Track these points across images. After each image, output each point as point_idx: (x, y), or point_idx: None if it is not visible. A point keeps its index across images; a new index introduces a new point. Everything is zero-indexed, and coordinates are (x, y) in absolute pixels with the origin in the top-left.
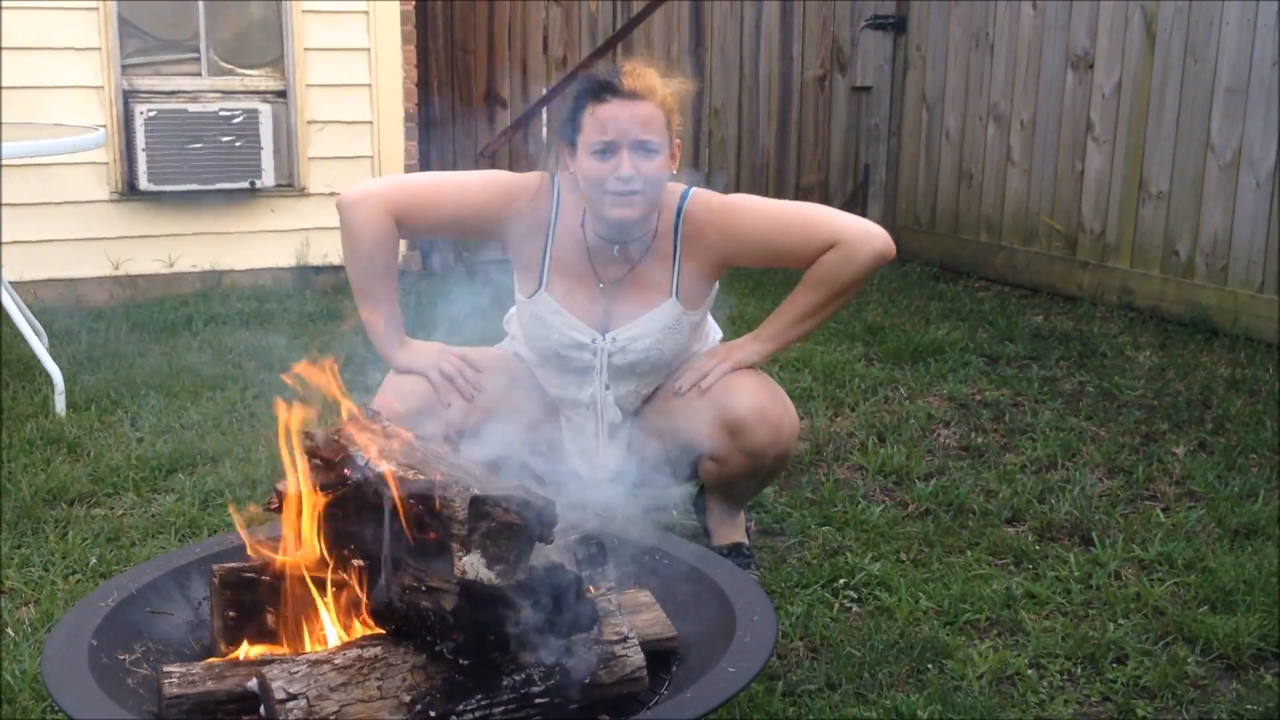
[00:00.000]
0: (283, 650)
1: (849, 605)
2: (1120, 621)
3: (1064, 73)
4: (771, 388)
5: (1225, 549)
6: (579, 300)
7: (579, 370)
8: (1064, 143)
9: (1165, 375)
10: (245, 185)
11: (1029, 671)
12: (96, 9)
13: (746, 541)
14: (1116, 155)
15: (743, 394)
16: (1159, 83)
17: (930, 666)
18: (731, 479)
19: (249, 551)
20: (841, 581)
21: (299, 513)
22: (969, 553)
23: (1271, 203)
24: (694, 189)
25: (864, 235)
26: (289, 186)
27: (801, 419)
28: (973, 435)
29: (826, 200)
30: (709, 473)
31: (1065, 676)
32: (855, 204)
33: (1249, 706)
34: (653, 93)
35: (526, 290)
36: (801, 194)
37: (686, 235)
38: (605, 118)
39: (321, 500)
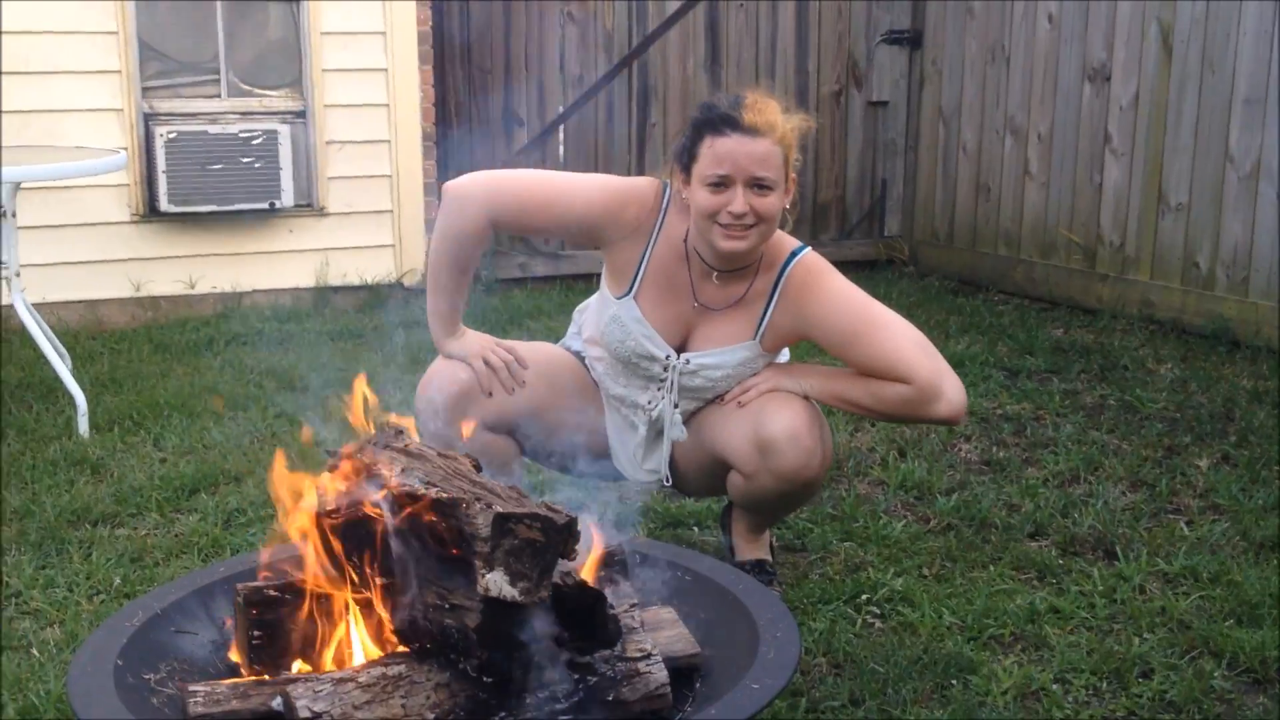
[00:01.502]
0: (307, 669)
1: (872, 621)
2: (1145, 636)
3: (1081, 85)
4: (812, 415)
5: (1250, 562)
6: (666, 313)
7: (645, 377)
8: (1082, 155)
9: (1187, 388)
10: (265, 206)
11: (1054, 687)
12: (116, 33)
13: (770, 558)
14: (1135, 167)
15: (781, 415)
16: (1176, 94)
17: (954, 682)
18: (757, 498)
19: (269, 569)
20: (864, 597)
21: (322, 532)
22: (992, 568)
23: None
24: (808, 249)
25: (934, 394)
26: (308, 206)
27: None
28: (994, 449)
29: (844, 215)
30: (736, 487)
31: (1090, 691)
32: (873, 219)
33: None
34: (773, 129)
35: (616, 290)
36: (818, 209)
37: (785, 290)
38: (723, 152)
39: (344, 519)
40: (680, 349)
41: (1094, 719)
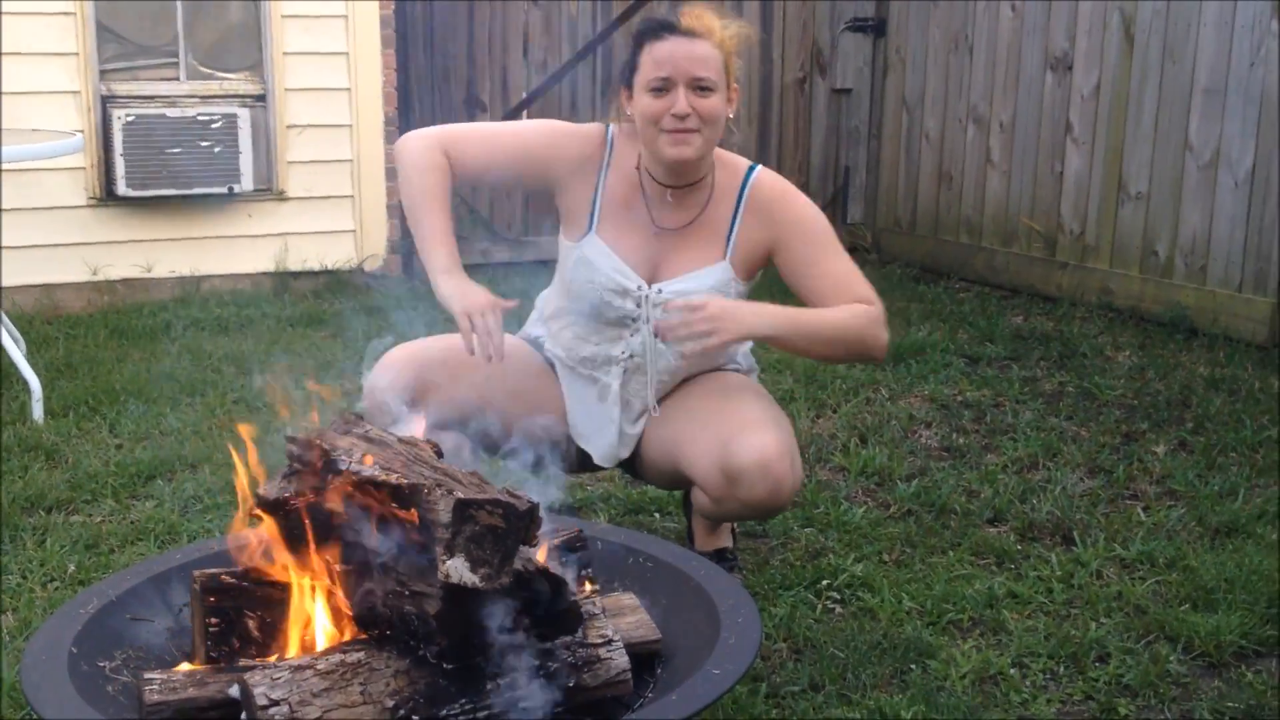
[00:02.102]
0: (265, 656)
1: (832, 606)
2: (1102, 620)
3: (1043, 74)
4: (783, 440)
5: (1206, 547)
6: (630, 245)
7: (618, 323)
8: (1043, 144)
9: (1145, 375)
10: (224, 190)
11: (1012, 671)
12: (74, 14)
13: (731, 546)
14: (1095, 156)
15: (751, 442)
16: (1138, 84)
17: (913, 667)
18: (722, 518)
19: (236, 555)
20: (824, 583)
21: (281, 517)
22: (951, 553)
23: (1250, 203)
24: (761, 166)
25: (884, 322)
26: (267, 191)
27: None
28: (954, 436)
29: None
30: (701, 505)
31: (1048, 676)
32: (836, 206)
33: (1230, 704)
34: (711, 32)
35: (574, 235)
36: None
37: (750, 202)
38: (662, 55)
39: (303, 505)
40: (651, 281)
41: (1051, 703)
